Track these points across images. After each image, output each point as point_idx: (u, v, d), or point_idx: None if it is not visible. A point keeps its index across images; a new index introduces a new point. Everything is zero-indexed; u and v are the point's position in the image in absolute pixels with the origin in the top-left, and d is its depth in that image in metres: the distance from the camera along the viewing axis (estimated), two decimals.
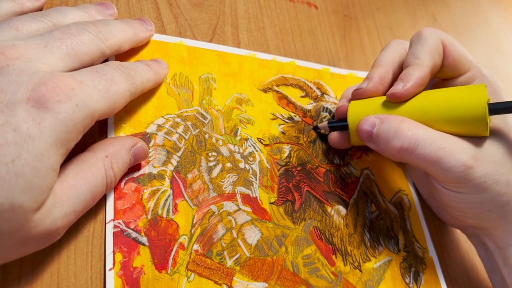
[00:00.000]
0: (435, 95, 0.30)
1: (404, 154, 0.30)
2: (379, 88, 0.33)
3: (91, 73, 0.23)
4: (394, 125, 0.30)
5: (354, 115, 0.33)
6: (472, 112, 0.29)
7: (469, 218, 0.33)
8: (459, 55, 0.33)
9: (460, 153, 0.29)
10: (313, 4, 0.44)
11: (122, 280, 0.24)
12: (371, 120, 0.31)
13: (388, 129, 0.30)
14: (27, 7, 0.27)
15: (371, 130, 0.31)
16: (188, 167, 0.29)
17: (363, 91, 0.33)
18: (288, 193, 0.33)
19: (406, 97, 0.31)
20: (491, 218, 0.32)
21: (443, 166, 0.29)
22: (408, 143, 0.29)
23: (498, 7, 0.67)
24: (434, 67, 0.32)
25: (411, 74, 0.30)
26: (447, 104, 0.29)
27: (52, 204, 0.21)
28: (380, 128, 0.30)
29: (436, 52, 0.32)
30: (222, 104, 0.33)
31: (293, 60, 0.38)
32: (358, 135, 0.32)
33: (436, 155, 0.29)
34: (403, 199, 0.39)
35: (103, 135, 0.28)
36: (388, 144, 0.30)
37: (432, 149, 0.29)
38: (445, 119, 0.30)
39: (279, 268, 0.30)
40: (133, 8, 0.33)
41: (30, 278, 0.23)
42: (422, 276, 0.36)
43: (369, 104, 0.33)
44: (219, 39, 0.36)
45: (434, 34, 0.32)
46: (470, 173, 0.29)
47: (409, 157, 0.30)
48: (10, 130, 0.19)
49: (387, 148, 0.30)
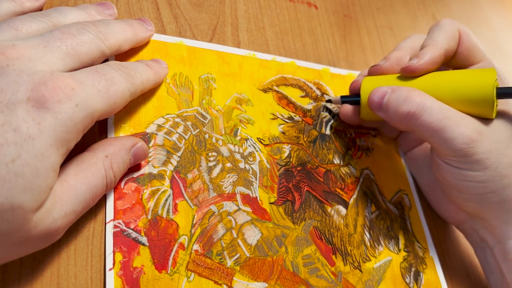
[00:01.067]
0: (447, 74, 0.32)
1: (411, 119, 0.31)
2: (394, 68, 0.34)
3: (91, 73, 0.23)
4: (404, 92, 0.31)
5: (367, 89, 0.34)
6: (481, 92, 0.30)
7: (469, 201, 0.33)
8: (473, 45, 0.34)
9: (465, 125, 0.30)
10: (313, 4, 0.44)
11: (122, 280, 0.24)
12: (383, 89, 0.33)
13: (398, 97, 0.31)
14: (27, 7, 0.27)
15: (382, 98, 0.32)
16: (188, 167, 0.29)
17: (379, 67, 0.35)
18: (288, 193, 0.33)
19: (419, 72, 0.32)
20: (490, 203, 0.32)
21: (446, 136, 0.30)
22: (416, 108, 0.30)
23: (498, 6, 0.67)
24: (449, 50, 0.33)
25: (426, 52, 0.32)
26: (457, 83, 0.31)
27: (52, 204, 0.21)
28: (391, 96, 0.32)
29: (452, 38, 0.33)
30: (222, 104, 0.33)
31: (293, 60, 0.38)
32: (369, 103, 0.33)
33: (441, 124, 0.30)
34: (404, 199, 0.39)
35: (103, 135, 0.28)
36: (397, 109, 0.31)
37: (438, 117, 0.30)
38: (454, 97, 0.31)
39: (279, 268, 0.30)
40: (133, 8, 0.33)
41: (30, 278, 0.23)
42: (422, 276, 0.36)
43: (382, 80, 0.34)
44: (219, 39, 0.36)
45: (452, 23, 0.34)
46: (473, 147, 0.30)
47: (415, 122, 0.31)
48: (10, 130, 0.19)
49: (395, 113, 0.31)
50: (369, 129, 0.40)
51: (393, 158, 0.40)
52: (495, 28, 0.63)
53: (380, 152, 0.40)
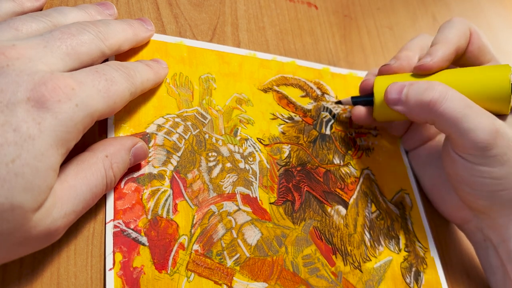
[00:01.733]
0: (461, 71, 0.32)
1: (434, 106, 0.30)
2: (405, 67, 0.34)
3: (91, 73, 0.23)
4: (424, 83, 0.31)
5: (380, 88, 0.34)
6: (497, 88, 0.30)
7: (480, 198, 0.33)
8: (483, 45, 0.34)
9: (486, 116, 0.30)
10: (313, 4, 0.44)
11: (122, 280, 0.24)
12: (400, 83, 0.33)
13: (418, 87, 0.31)
14: (27, 7, 0.27)
15: (401, 91, 0.32)
16: (188, 167, 0.29)
17: (390, 67, 0.35)
18: (288, 193, 0.33)
19: (433, 70, 0.32)
20: (503, 200, 0.32)
21: (468, 126, 0.30)
22: (439, 95, 0.30)
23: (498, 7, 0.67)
24: (459, 48, 0.33)
25: (438, 49, 0.32)
26: (472, 79, 0.31)
27: (52, 204, 0.21)
28: (410, 88, 0.32)
29: (463, 36, 0.33)
30: (222, 104, 0.33)
31: (293, 60, 0.38)
32: (386, 97, 0.33)
33: (464, 112, 0.30)
34: (405, 199, 0.39)
35: (103, 135, 0.28)
36: (419, 98, 0.31)
37: (460, 105, 0.30)
38: (470, 94, 0.31)
39: (279, 268, 0.30)
40: (133, 8, 0.33)
41: (30, 278, 0.23)
42: (423, 276, 0.36)
43: (395, 78, 0.34)
44: (219, 39, 0.36)
45: (463, 21, 0.34)
46: (495, 138, 0.29)
47: (438, 110, 0.30)
48: (10, 130, 0.19)
49: (417, 103, 0.31)
50: (369, 129, 0.40)
51: (394, 157, 0.40)
52: (495, 28, 0.63)
53: (381, 152, 0.40)
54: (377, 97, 0.34)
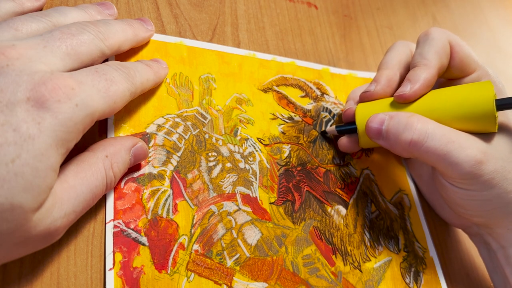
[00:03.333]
0: (443, 93, 0.31)
1: (414, 147, 0.30)
2: (386, 91, 0.33)
3: (91, 73, 0.23)
4: (403, 119, 0.30)
5: (362, 116, 0.33)
6: (481, 107, 0.29)
7: (474, 216, 0.33)
8: (465, 56, 0.33)
9: (470, 147, 0.29)
10: (313, 4, 0.44)
11: (122, 280, 0.24)
12: (380, 116, 0.31)
13: (398, 123, 0.30)
14: (27, 7, 0.27)
15: (380, 126, 0.31)
16: (188, 167, 0.29)
17: (371, 93, 0.33)
18: (288, 193, 0.33)
19: (413, 98, 0.31)
20: (496, 216, 0.32)
21: (452, 160, 0.29)
22: (418, 136, 0.29)
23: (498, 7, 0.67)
24: (441, 67, 0.32)
25: (419, 75, 0.31)
26: (455, 101, 0.30)
27: (52, 204, 0.21)
28: (389, 123, 0.30)
29: (443, 53, 0.32)
30: (222, 104, 0.33)
31: (293, 60, 0.38)
32: (367, 132, 0.32)
33: (446, 149, 0.29)
34: (404, 199, 0.39)
35: (103, 135, 0.28)
36: (398, 138, 0.30)
37: (442, 142, 0.29)
38: (454, 116, 0.30)
39: (279, 268, 0.30)
40: (133, 8, 0.33)
41: (30, 278, 0.23)
42: (422, 276, 0.36)
43: (377, 105, 0.33)
44: (219, 39, 0.36)
45: (441, 34, 0.32)
46: (480, 169, 0.29)
47: (419, 150, 0.30)
48: (10, 130, 0.19)
49: (397, 142, 0.30)
50: None
51: (393, 158, 0.40)
52: (495, 28, 0.63)
53: (380, 153, 0.40)
54: (359, 127, 0.33)
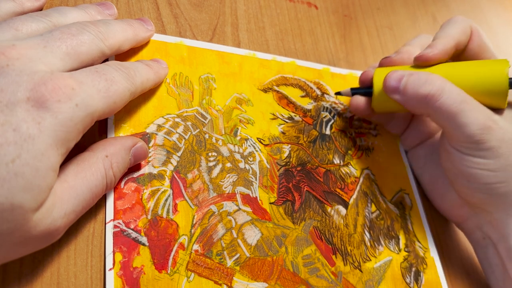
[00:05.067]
0: (460, 65, 0.33)
1: (430, 101, 0.31)
2: (405, 60, 0.35)
3: (91, 73, 0.23)
4: (423, 75, 0.32)
5: (380, 78, 0.35)
6: (495, 81, 0.31)
7: (477, 191, 0.33)
8: (483, 43, 0.35)
9: (482, 112, 0.30)
10: (313, 4, 0.44)
11: (122, 280, 0.24)
12: (399, 72, 0.33)
13: (417, 79, 0.32)
14: (27, 7, 0.27)
15: (399, 81, 0.33)
16: (188, 167, 0.29)
17: (390, 59, 0.36)
18: (288, 193, 0.33)
19: (433, 61, 0.33)
20: (499, 193, 0.32)
21: (463, 120, 0.30)
22: (436, 90, 0.31)
23: (498, 7, 0.67)
24: (460, 43, 0.34)
25: (439, 43, 0.33)
26: (471, 73, 0.32)
27: (52, 204, 0.21)
28: (409, 78, 0.32)
29: (463, 32, 0.34)
30: (222, 104, 0.33)
31: (293, 60, 0.38)
32: (384, 86, 0.34)
33: (460, 107, 0.30)
34: (405, 199, 0.39)
35: (103, 135, 0.28)
36: (417, 91, 0.32)
37: (456, 100, 0.30)
38: (467, 88, 0.31)
39: (279, 268, 0.30)
40: (133, 8, 0.33)
41: (30, 278, 0.23)
42: (422, 276, 0.36)
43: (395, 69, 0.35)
44: (219, 39, 0.36)
45: (464, 19, 0.35)
46: (488, 134, 0.30)
47: (433, 104, 0.31)
48: (10, 130, 0.19)
49: (413, 96, 0.32)
50: (369, 128, 0.40)
51: (394, 157, 0.40)
52: (495, 28, 0.63)
53: (381, 152, 0.40)
54: (376, 87, 0.35)
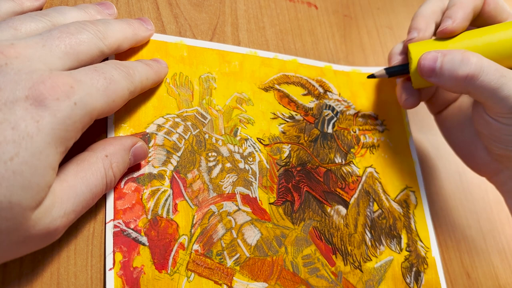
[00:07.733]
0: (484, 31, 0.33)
1: (470, 81, 0.31)
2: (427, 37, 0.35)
3: (90, 71, 0.23)
4: (458, 55, 0.31)
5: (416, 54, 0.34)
6: None
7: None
8: (498, 4, 0.35)
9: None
10: (313, 4, 0.44)
11: (122, 280, 0.24)
12: (432, 54, 0.32)
13: (452, 59, 0.31)
14: (26, 7, 0.27)
15: (434, 63, 0.32)
16: (188, 167, 0.29)
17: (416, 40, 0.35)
18: (288, 193, 0.32)
19: (455, 32, 0.33)
20: None
21: (504, 94, 0.30)
22: (474, 69, 0.30)
23: None
24: (476, 8, 0.34)
25: (456, 11, 0.33)
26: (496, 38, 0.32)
27: (51, 203, 0.21)
28: (443, 60, 0.32)
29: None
30: (222, 104, 0.33)
31: (295, 58, 0.38)
32: (419, 70, 0.33)
33: (499, 82, 0.30)
34: (409, 197, 0.38)
35: (103, 135, 0.28)
36: (454, 73, 0.31)
37: (495, 76, 0.30)
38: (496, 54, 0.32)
39: (279, 268, 0.29)
40: (133, 8, 0.33)
41: (30, 278, 0.23)
42: (423, 276, 0.35)
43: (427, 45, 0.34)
44: (219, 39, 0.36)
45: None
46: None
47: (474, 84, 0.31)
48: (8, 128, 0.19)
49: (452, 78, 0.31)
50: (375, 124, 0.40)
51: (402, 153, 0.40)
52: None
53: (387, 148, 0.39)
54: (414, 64, 0.34)
